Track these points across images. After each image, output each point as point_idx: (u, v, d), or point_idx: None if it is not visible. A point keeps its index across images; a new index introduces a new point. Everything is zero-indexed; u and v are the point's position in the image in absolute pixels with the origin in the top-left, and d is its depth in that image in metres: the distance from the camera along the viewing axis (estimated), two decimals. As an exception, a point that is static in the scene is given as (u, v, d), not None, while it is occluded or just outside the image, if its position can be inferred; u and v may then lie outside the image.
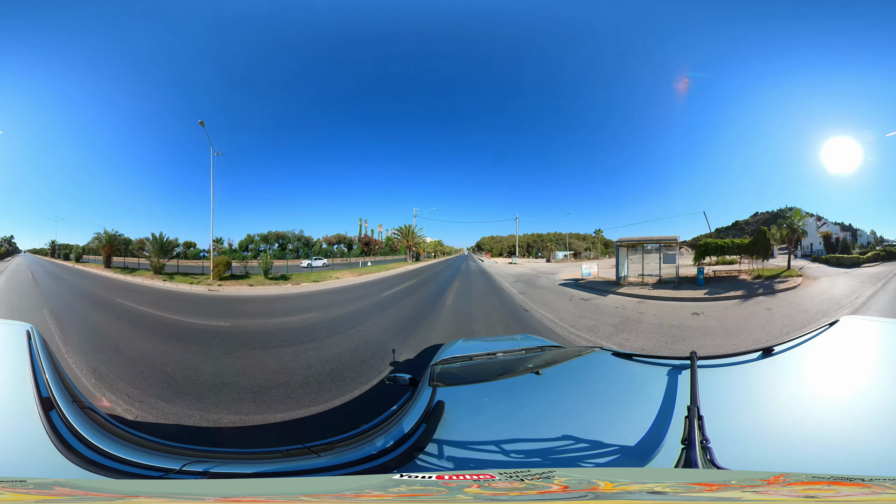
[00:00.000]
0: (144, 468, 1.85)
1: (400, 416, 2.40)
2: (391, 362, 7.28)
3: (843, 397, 2.04)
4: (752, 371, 2.36)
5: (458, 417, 2.16)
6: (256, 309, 11.80)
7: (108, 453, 1.83)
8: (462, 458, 1.88)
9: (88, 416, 2.04)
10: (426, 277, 19.05)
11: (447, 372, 2.80)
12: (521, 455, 1.88)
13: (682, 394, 2.07)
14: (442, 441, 1.97)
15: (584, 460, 1.80)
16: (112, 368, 7.01)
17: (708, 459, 1.57)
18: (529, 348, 3.28)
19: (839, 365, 2.40)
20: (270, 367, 7.51)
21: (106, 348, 8.23)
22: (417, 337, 9.10)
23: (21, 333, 2.60)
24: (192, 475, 1.93)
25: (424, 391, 2.47)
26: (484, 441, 1.97)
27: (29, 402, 1.92)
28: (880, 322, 3.18)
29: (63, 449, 1.73)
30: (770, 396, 2.12)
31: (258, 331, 9.73)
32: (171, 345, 8.68)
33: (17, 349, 2.39)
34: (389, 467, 1.89)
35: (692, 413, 1.79)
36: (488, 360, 3.07)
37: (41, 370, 2.18)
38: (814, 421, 1.88)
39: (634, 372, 2.71)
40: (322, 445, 2.28)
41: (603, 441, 1.85)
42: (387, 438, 2.15)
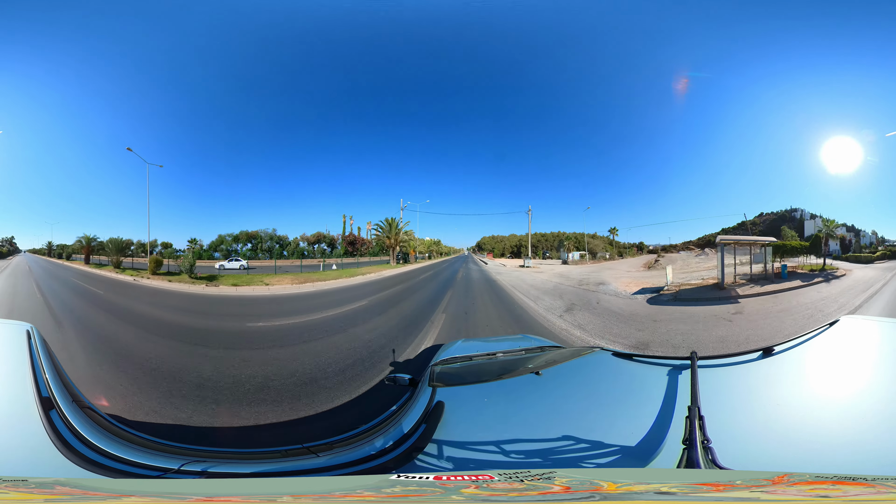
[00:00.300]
0: (144, 468, 1.84)
1: (399, 416, 2.39)
2: (391, 362, 7.26)
3: (843, 397, 2.04)
4: (753, 371, 2.36)
5: (458, 418, 2.15)
6: (134, 293, 14.21)
7: (108, 453, 1.82)
8: (462, 459, 1.87)
9: (88, 415, 2.03)
10: (396, 294, 13.58)
11: (447, 372, 2.79)
12: (522, 455, 1.88)
13: (683, 394, 2.07)
14: (442, 441, 1.96)
15: (585, 461, 1.79)
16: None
17: (710, 460, 1.56)
18: (529, 348, 3.27)
19: (839, 365, 2.40)
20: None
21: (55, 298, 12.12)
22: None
23: (21, 333, 2.60)
24: (190, 475, 1.92)
25: (424, 391, 2.46)
26: (484, 441, 1.96)
27: (29, 401, 1.92)
28: (880, 322, 3.19)
29: (63, 448, 1.72)
30: (770, 396, 2.11)
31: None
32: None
33: (17, 349, 2.39)
34: (388, 468, 1.89)
35: (693, 413, 1.79)
36: (488, 360, 3.06)
37: (41, 370, 2.17)
38: (814, 421, 1.88)
39: (635, 372, 2.71)
40: (321, 445, 2.27)
41: (604, 441, 1.85)
42: (386, 439, 2.15)
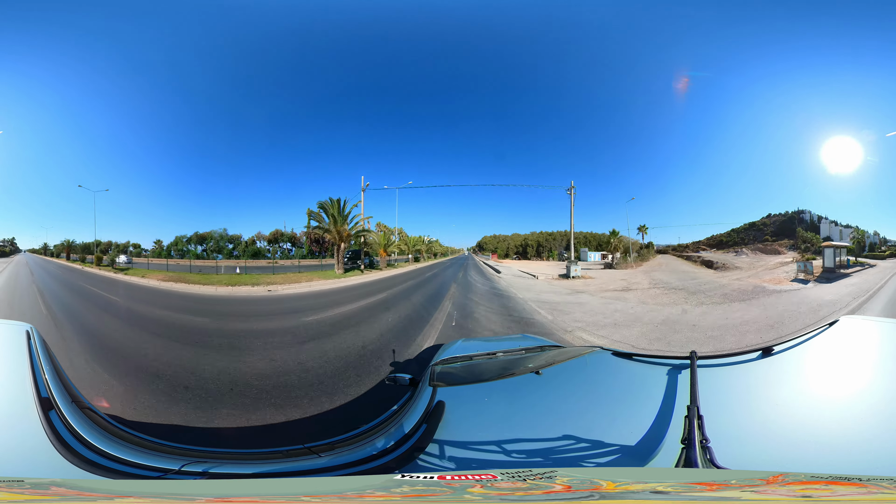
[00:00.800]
0: (144, 468, 1.84)
1: (400, 416, 2.39)
2: (391, 362, 7.26)
3: (842, 397, 2.04)
4: (752, 371, 2.36)
5: (459, 417, 2.16)
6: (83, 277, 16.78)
7: (107, 454, 1.81)
8: (463, 458, 1.88)
9: (88, 416, 2.03)
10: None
11: (447, 372, 2.79)
12: (523, 455, 1.88)
13: (682, 393, 2.07)
14: (443, 441, 1.96)
15: (585, 460, 1.79)
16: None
17: (708, 459, 1.57)
18: (529, 348, 3.27)
19: (838, 365, 2.40)
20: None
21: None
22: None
23: (21, 333, 2.59)
24: (191, 475, 1.92)
25: (425, 391, 2.46)
26: (484, 441, 1.97)
27: (28, 402, 1.92)
28: (879, 322, 3.19)
29: (62, 449, 1.71)
30: (770, 396, 2.12)
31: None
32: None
33: (17, 349, 2.39)
34: (390, 468, 1.89)
35: (692, 413, 1.79)
36: (488, 359, 3.06)
37: (40, 370, 2.17)
38: (813, 421, 1.88)
39: (634, 372, 2.72)
40: (322, 446, 2.27)
41: (603, 441, 1.85)
42: (387, 439, 2.15)
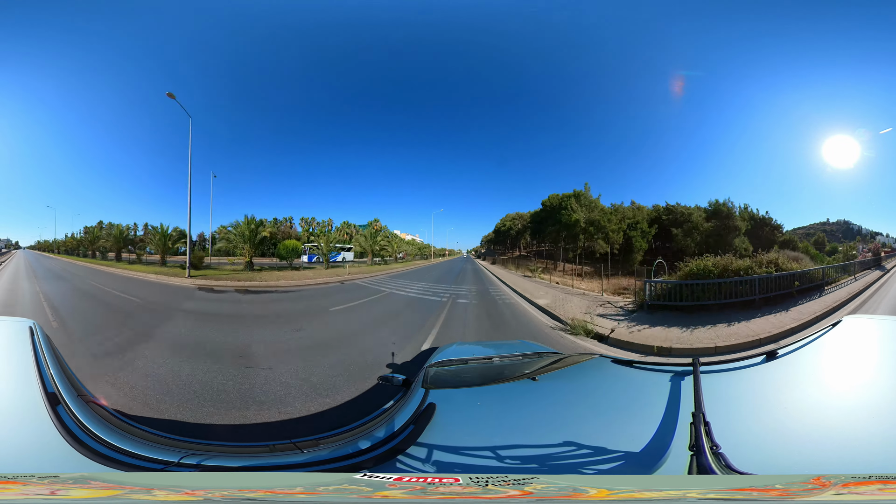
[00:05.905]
0: (147, 460, 1.86)
1: (390, 416, 2.37)
2: (388, 363, 7.30)
3: (853, 396, 2.00)
4: (757, 375, 2.32)
5: (449, 421, 2.13)
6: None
7: (115, 446, 1.84)
8: (447, 462, 1.83)
9: (93, 409, 2.05)
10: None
11: (441, 375, 2.75)
12: (516, 461, 1.83)
13: (686, 400, 2.03)
14: (429, 444, 1.93)
15: (585, 467, 1.75)
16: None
17: (724, 465, 1.51)
18: (526, 354, 3.22)
19: (846, 365, 2.37)
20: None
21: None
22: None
23: (24, 330, 2.59)
24: (187, 468, 1.94)
25: (417, 392, 2.43)
26: (473, 446, 1.92)
27: (35, 397, 1.93)
28: (881, 320, 3.22)
29: (74, 443, 1.74)
30: (778, 400, 2.07)
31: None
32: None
33: (21, 346, 2.40)
34: (366, 467, 1.85)
35: (697, 419, 1.73)
36: (484, 364, 3.03)
37: (45, 366, 2.18)
38: (826, 422, 1.83)
39: (635, 379, 2.67)
40: (307, 442, 2.27)
41: (606, 448, 1.79)
42: (371, 439, 2.12)
